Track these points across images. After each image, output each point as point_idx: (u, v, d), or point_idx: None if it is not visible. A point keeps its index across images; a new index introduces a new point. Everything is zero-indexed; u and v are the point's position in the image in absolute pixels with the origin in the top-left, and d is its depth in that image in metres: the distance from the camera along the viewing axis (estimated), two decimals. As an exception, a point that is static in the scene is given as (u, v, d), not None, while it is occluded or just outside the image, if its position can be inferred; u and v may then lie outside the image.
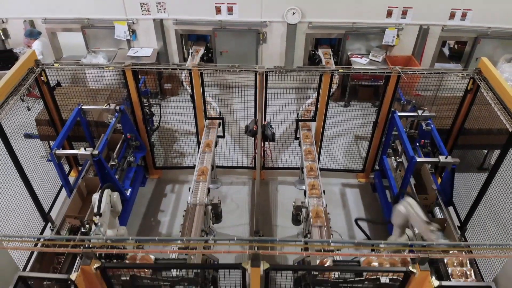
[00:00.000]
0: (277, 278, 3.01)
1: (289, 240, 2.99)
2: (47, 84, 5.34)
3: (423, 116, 5.33)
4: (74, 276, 2.80)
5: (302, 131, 5.84)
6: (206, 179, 4.95)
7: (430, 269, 2.89)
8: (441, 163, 4.67)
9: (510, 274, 3.69)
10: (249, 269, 2.89)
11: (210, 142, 5.64)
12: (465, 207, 5.23)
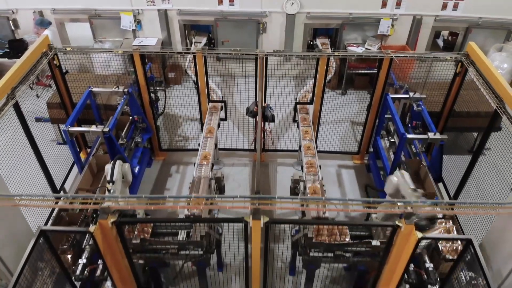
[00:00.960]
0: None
1: (286, 197, 3.25)
2: (59, 68, 5.64)
3: (414, 98, 5.62)
4: (93, 229, 3.09)
5: (300, 114, 6.13)
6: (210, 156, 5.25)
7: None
8: (430, 139, 4.97)
9: (494, 239, 3.99)
10: (251, 222, 3.19)
11: (212, 128, 5.90)
12: (455, 184, 5.55)
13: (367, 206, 3.28)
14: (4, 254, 3.70)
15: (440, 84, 6.17)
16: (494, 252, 3.93)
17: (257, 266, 3.59)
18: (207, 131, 5.85)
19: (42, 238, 3.20)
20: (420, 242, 3.13)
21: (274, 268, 5.13)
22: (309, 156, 5.12)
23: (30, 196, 3.32)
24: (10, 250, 3.74)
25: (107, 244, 3.27)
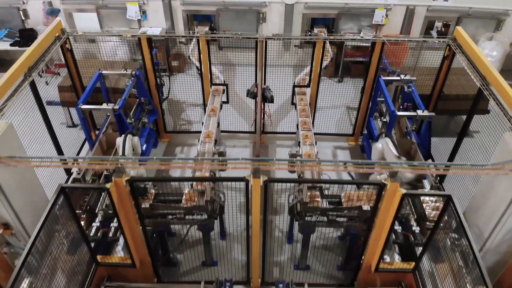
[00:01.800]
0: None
1: (283, 159, 3.57)
2: (70, 52, 5.95)
3: (405, 80, 5.94)
4: (109, 185, 3.42)
5: (298, 96, 6.44)
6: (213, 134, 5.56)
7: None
8: (418, 116, 5.29)
9: (476, 204, 4.31)
10: (252, 181, 3.52)
11: (215, 108, 6.21)
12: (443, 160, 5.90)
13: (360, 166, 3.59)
14: (23, 217, 4.02)
15: (430, 69, 6.49)
16: (477, 216, 4.25)
17: (257, 225, 3.91)
18: (210, 110, 6.17)
19: (61, 196, 3.52)
20: (404, 198, 3.45)
21: (273, 238, 5.46)
22: (305, 130, 5.44)
23: (49, 158, 3.66)
24: (28, 214, 4.05)
25: (121, 201, 3.59)
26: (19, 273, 3.03)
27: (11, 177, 3.77)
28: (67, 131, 7.41)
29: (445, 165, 3.81)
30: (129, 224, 3.85)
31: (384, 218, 3.72)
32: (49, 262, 3.45)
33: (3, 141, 3.71)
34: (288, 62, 9.13)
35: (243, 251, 5.20)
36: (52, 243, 3.56)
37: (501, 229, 3.92)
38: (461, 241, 3.74)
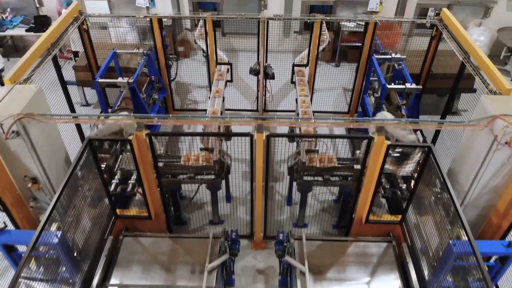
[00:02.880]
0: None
1: (285, 117, 4.01)
2: (87, 32, 6.36)
3: (396, 58, 6.35)
4: (131, 137, 3.85)
5: (297, 76, 6.85)
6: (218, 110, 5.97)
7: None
8: (407, 89, 5.71)
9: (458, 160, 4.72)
10: (256, 135, 3.95)
11: (220, 89, 6.60)
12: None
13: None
14: (50, 173, 4.45)
15: (420, 51, 6.91)
16: (458, 174, 4.67)
17: (260, 178, 4.34)
18: (215, 91, 6.57)
19: (89, 146, 3.94)
20: (389, 148, 3.88)
21: (274, 201, 5.89)
22: (304, 107, 5.86)
23: (77, 115, 4.10)
24: (54, 170, 4.48)
25: (141, 152, 4.02)
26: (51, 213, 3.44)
27: (40, 135, 4.19)
28: (81, 110, 7.83)
29: (426, 121, 4.24)
30: (147, 176, 4.28)
31: (373, 169, 4.15)
32: (74, 212, 3.87)
33: (34, 102, 4.12)
34: (288, 48, 9.56)
35: (247, 212, 5.65)
36: (77, 194, 3.98)
37: (478, 184, 4.34)
38: (443, 194, 4.16)
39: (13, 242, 3.70)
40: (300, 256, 4.30)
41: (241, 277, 4.89)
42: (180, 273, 4.21)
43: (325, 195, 5.91)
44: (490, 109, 4.04)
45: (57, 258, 3.63)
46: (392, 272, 4.27)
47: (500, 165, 4.08)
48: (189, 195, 5.78)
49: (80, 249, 3.90)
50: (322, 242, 4.57)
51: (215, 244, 4.44)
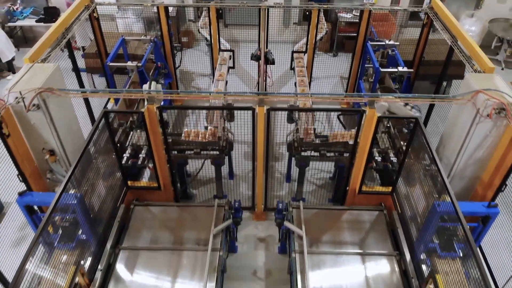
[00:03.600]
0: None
1: (284, 93, 4.30)
2: (97, 20, 6.65)
3: (389, 45, 6.65)
4: (144, 109, 4.15)
5: (296, 60, 7.15)
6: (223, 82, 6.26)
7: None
8: (399, 72, 6.00)
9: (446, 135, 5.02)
10: (257, 109, 4.25)
11: (223, 73, 6.89)
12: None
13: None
14: (66, 145, 4.74)
15: (413, 40, 7.20)
16: (445, 148, 4.97)
17: (262, 149, 4.64)
18: (218, 75, 6.87)
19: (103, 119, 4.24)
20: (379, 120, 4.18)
21: (274, 178, 6.20)
22: (302, 86, 6.16)
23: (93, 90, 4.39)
24: (69, 143, 4.77)
25: (151, 124, 4.32)
26: (72, 175, 3.74)
27: (58, 109, 4.48)
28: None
29: (414, 96, 4.54)
30: (157, 147, 4.58)
31: (365, 141, 4.45)
32: (91, 179, 4.18)
33: (52, 79, 4.42)
34: (287, 39, 9.83)
35: (249, 187, 5.95)
36: (93, 163, 4.29)
37: (463, 155, 4.63)
38: (432, 166, 4.45)
39: (35, 203, 3.99)
40: (298, 222, 4.60)
41: (243, 245, 5.20)
42: (187, 237, 4.52)
43: (322, 173, 6.21)
44: (474, 85, 4.34)
45: (75, 220, 3.94)
46: (383, 236, 4.57)
47: (483, 137, 4.38)
48: (194, 173, 6.08)
49: (95, 213, 4.21)
50: (318, 210, 4.88)
51: (220, 212, 4.74)
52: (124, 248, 4.41)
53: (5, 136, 4.16)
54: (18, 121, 4.33)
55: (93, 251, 4.15)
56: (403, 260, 4.30)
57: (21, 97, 4.15)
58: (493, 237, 4.92)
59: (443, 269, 3.70)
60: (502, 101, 4.05)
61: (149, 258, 4.31)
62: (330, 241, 4.51)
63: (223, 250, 4.42)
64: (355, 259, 4.34)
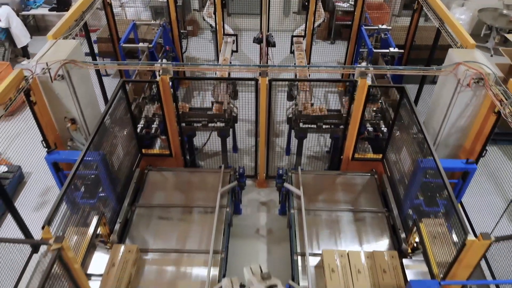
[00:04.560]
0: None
1: (284, 65, 4.71)
2: (110, 6, 7.04)
3: (382, 29, 7.05)
4: (159, 79, 4.56)
5: (296, 45, 7.55)
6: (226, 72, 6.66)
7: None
8: (390, 52, 6.42)
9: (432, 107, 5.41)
10: (260, 80, 4.66)
11: (227, 58, 7.30)
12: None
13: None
14: (86, 115, 5.15)
15: (405, 27, 7.60)
16: (431, 119, 5.37)
17: (264, 117, 5.06)
18: (222, 59, 7.28)
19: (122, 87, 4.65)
20: (370, 88, 4.60)
21: (274, 151, 6.62)
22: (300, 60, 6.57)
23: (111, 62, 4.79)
24: (89, 113, 5.19)
25: (165, 94, 4.74)
26: (95, 135, 4.15)
27: (79, 81, 4.89)
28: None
29: (402, 69, 4.95)
30: (169, 116, 5.00)
31: (358, 109, 4.86)
32: (111, 142, 4.59)
33: (74, 53, 4.82)
34: (287, 28, 10.24)
35: (251, 160, 6.37)
36: (112, 128, 4.71)
37: (447, 124, 5.04)
38: (418, 135, 4.86)
39: (62, 160, 4.41)
40: (296, 184, 5.03)
41: (247, 208, 5.62)
42: (197, 197, 4.94)
43: (318, 147, 6.63)
44: (455, 58, 4.75)
45: (97, 177, 4.35)
46: (373, 196, 4.99)
47: (464, 105, 4.79)
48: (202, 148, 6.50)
49: (115, 173, 4.63)
50: (315, 175, 5.30)
51: (226, 176, 5.17)
52: (140, 206, 4.84)
53: (32, 104, 4.59)
54: (43, 91, 4.75)
55: (112, 207, 4.57)
56: (392, 216, 4.72)
57: (48, 68, 4.56)
58: (474, 197, 5.33)
59: (426, 222, 4.12)
60: (480, 71, 4.46)
61: (162, 214, 4.73)
62: (325, 200, 4.93)
63: (230, 207, 4.84)
64: (347, 215, 4.76)
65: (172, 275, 4.07)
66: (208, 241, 4.31)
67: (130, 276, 3.93)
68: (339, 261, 4.01)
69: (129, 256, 4.03)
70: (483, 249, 2.99)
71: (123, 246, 4.16)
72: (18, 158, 6.19)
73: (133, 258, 4.04)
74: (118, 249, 4.12)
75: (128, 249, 4.10)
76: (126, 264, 3.98)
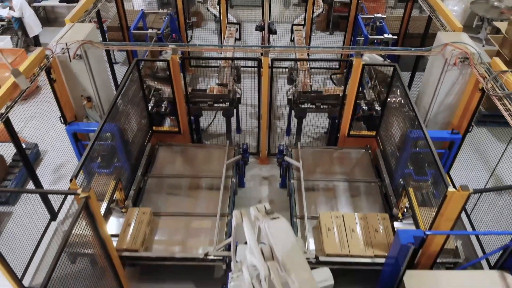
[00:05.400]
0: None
1: (285, 46, 5.05)
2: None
3: (377, 18, 7.40)
4: (169, 58, 4.91)
5: (296, 32, 7.89)
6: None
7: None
8: (384, 38, 6.76)
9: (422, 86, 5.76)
10: (263, 59, 5.01)
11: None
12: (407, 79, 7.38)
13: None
14: (101, 93, 5.50)
15: (399, 17, 7.94)
16: (422, 99, 5.71)
17: (266, 95, 5.40)
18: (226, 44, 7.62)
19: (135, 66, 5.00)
20: (364, 67, 4.95)
21: (276, 132, 6.96)
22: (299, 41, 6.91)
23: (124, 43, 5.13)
24: (103, 92, 5.53)
25: (175, 72, 5.09)
26: (113, 107, 4.50)
27: (95, 61, 5.24)
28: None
29: (395, 49, 5.29)
30: (178, 93, 5.35)
31: (353, 86, 5.21)
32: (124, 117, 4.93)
33: (91, 35, 5.17)
34: (287, 19, 10.57)
35: (254, 140, 6.71)
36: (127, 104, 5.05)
37: (436, 102, 5.39)
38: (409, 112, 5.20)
39: (81, 131, 4.76)
40: (296, 157, 5.38)
41: (250, 182, 5.97)
42: (205, 168, 5.29)
43: (317, 128, 6.98)
44: (443, 40, 5.09)
45: (113, 147, 4.70)
46: (367, 168, 5.35)
47: (451, 84, 5.14)
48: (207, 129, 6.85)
49: (129, 144, 4.98)
50: (314, 150, 5.66)
51: (231, 151, 5.52)
52: (152, 176, 5.19)
53: (52, 81, 4.94)
54: (62, 70, 5.10)
55: (127, 177, 4.93)
56: (384, 185, 5.08)
57: (67, 47, 4.90)
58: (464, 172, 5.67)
59: (414, 186, 4.47)
60: (466, 51, 4.80)
61: (173, 183, 5.09)
62: (322, 172, 5.29)
63: (235, 178, 5.19)
64: (343, 184, 5.12)
65: (182, 234, 4.43)
66: (215, 206, 4.66)
67: (145, 235, 4.29)
68: (335, 222, 4.36)
69: (144, 217, 4.39)
70: (462, 200, 3.33)
71: (137, 209, 4.51)
72: (34, 138, 6.52)
73: (148, 219, 4.39)
74: (133, 212, 4.47)
75: (142, 211, 4.45)
76: (141, 224, 4.33)
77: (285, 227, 2.51)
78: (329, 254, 4.13)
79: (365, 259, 4.13)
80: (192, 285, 4.56)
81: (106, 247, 3.68)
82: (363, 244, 4.22)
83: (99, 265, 3.85)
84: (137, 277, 4.71)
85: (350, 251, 4.13)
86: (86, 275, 3.62)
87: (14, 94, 4.24)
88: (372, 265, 4.16)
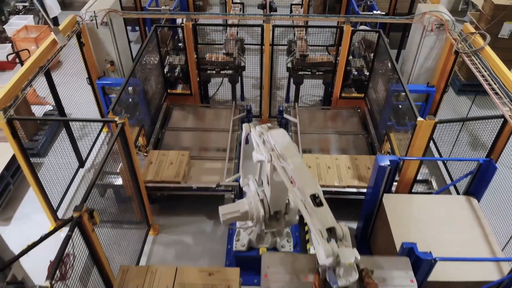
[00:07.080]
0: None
1: (285, 14, 5.70)
2: (135, -23, 8.04)
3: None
4: (184, 24, 5.58)
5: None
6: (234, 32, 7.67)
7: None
8: (374, 14, 7.40)
9: (406, 58, 6.42)
10: (265, 25, 5.68)
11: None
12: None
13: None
14: (122, 58, 6.15)
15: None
16: (406, 65, 6.37)
17: (268, 58, 6.07)
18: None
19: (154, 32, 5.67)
20: (354, 33, 5.62)
21: (276, 100, 7.63)
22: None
23: (141, 12, 5.80)
24: (124, 58, 6.19)
25: (188, 37, 5.76)
26: (136, 66, 5.16)
27: (118, 29, 5.91)
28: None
29: (380, 17, 5.95)
30: (190, 58, 6.02)
31: (344, 52, 5.88)
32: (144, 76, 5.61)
33: (115, 5, 5.83)
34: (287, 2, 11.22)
35: (257, 106, 7.37)
36: (146, 65, 5.72)
37: (416, 64, 6.05)
38: (392, 74, 5.85)
39: (110, 84, 5.44)
40: (293, 115, 6.06)
41: (253, 139, 6.65)
42: (214, 123, 5.98)
43: (313, 97, 7.65)
44: (423, 10, 5.76)
45: (135, 102, 5.37)
46: (356, 125, 6.04)
47: (429, 48, 5.80)
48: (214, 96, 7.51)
49: (148, 99, 5.66)
50: (309, 109, 6.35)
51: (236, 110, 6.21)
52: (169, 129, 5.88)
53: (82, 45, 5.61)
54: (90, 35, 5.76)
55: (147, 128, 5.61)
56: (370, 137, 5.76)
57: (95, 15, 5.57)
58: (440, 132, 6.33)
59: (395, 132, 5.15)
60: (441, 18, 5.47)
61: (187, 135, 5.78)
62: (317, 126, 5.97)
63: (240, 131, 5.88)
64: (334, 136, 5.80)
65: (198, 173, 5.12)
66: (224, 152, 5.35)
67: (185, 171, 4.99)
68: (315, 162, 5.05)
69: (183, 158, 5.11)
70: (430, 128, 4.01)
71: (158, 151, 5.20)
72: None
73: (186, 160, 5.07)
74: (155, 153, 5.16)
75: (182, 154, 5.20)
76: (182, 163, 5.04)
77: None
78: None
79: (339, 188, 4.83)
80: (204, 217, 5.26)
81: (136, 174, 4.35)
82: (336, 178, 4.89)
83: (127, 196, 4.50)
84: (157, 212, 5.40)
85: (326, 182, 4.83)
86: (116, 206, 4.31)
87: (53, 50, 4.90)
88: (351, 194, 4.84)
